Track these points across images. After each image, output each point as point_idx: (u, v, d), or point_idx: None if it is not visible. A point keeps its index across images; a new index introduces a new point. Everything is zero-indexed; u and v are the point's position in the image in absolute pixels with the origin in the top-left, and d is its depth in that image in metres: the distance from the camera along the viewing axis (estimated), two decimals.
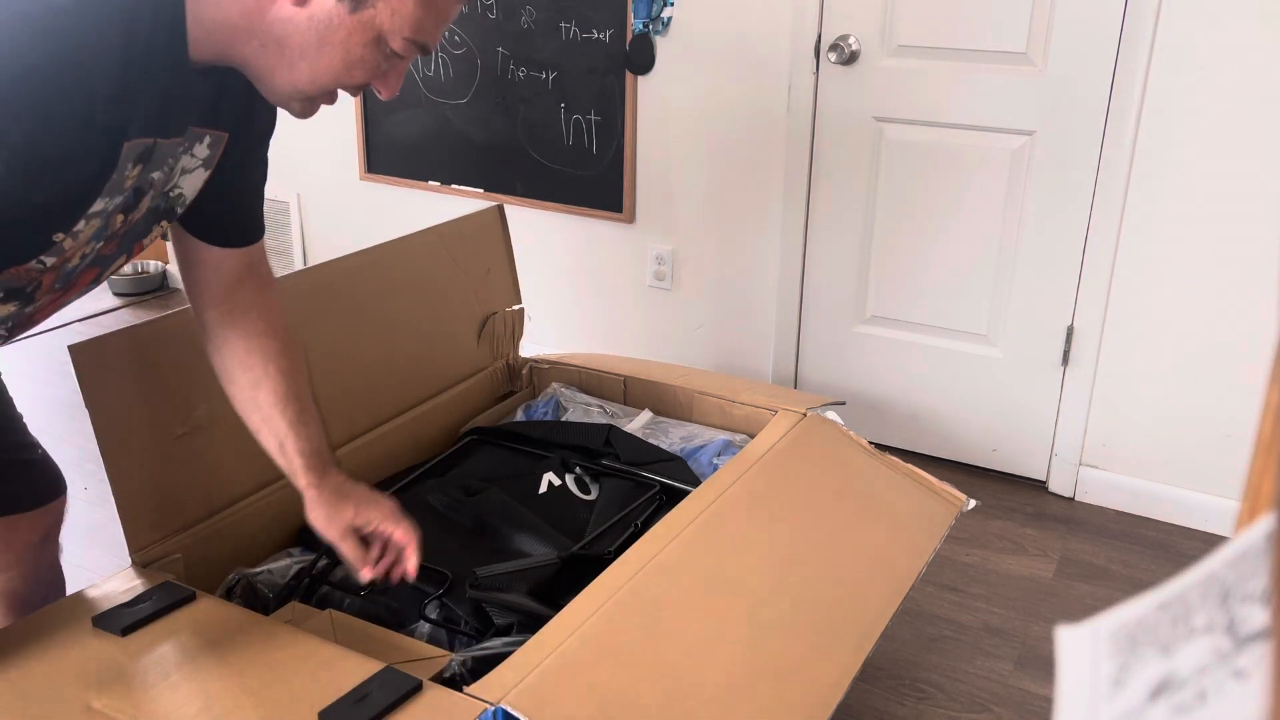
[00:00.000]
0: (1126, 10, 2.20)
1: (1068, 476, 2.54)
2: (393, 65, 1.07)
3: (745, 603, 1.29)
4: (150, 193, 1.06)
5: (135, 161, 0.99)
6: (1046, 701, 1.85)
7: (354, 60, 1.02)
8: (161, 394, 1.34)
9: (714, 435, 1.78)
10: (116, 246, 1.09)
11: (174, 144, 1.05)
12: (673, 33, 2.71)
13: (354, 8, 1.00)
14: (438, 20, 1.05)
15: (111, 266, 1.13)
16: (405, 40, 1.03)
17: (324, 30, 1.00)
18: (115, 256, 1.11)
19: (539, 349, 2.73)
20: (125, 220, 1.05)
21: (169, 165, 1.06)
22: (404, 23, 1.02)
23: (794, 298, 2.74)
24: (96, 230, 1.02)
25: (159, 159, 1.03)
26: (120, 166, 0.97)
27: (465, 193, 3.15)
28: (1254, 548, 0.30)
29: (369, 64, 1.04)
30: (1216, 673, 0.28)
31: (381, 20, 1.01)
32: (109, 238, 1.06)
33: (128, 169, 0.98)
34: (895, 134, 2.52)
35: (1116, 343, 2.40)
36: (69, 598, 1.22)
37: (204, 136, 1.09)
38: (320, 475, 1.24)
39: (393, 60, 1.05)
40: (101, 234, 1.04)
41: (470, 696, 1.05)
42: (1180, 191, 2.24)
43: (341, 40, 1.01)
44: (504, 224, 1.95)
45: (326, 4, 0.99)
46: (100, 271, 1.11)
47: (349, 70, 1.03)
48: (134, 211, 1.06)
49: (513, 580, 1.35)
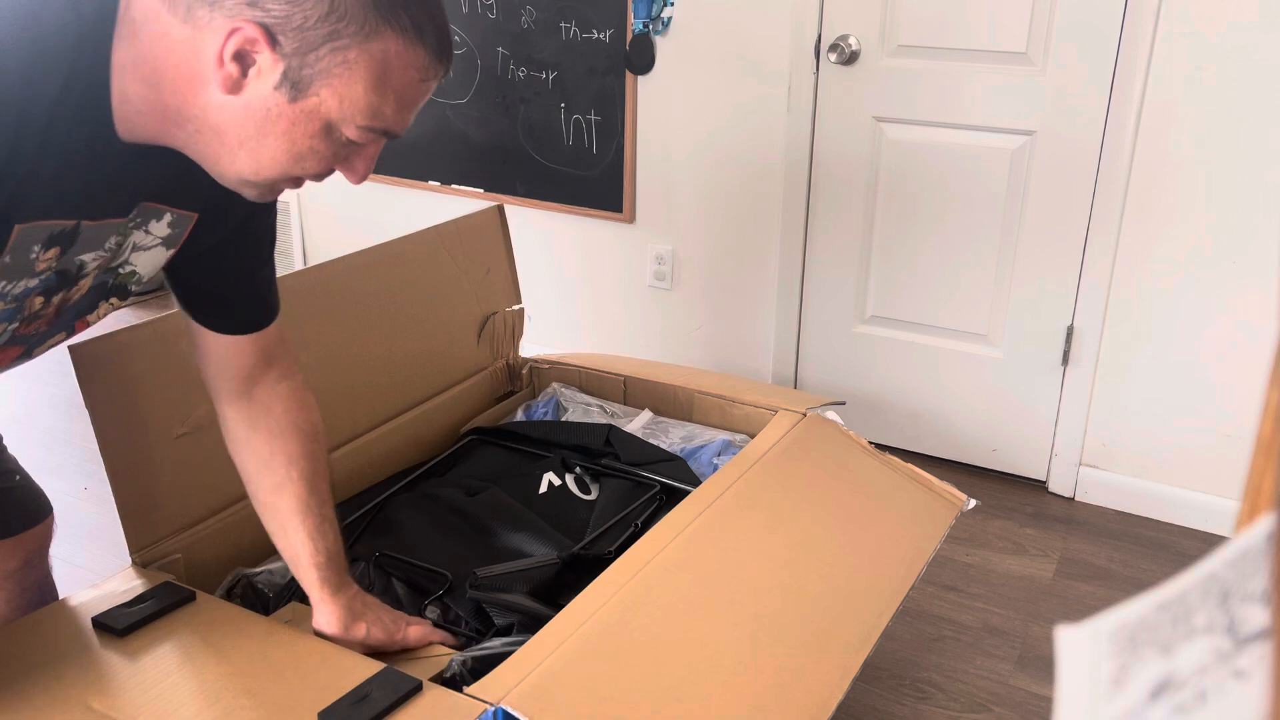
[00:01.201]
0: (1126, 10, 2.20)
1: (1068, 476, 2.54)
2: (355, 152, 0.94)
3: (745, 602, 1.29)
4: (91, 272, 0.98)
5: (47, 245, 0.89)
6: (1046, 701, 1.85)
7: (301, 152, 0.90)
8: (161, 394, 1.34)
9: (714, 435, 1.78)
10: (46, 325, 1.00)
11: (113, 224, 0.95)
12: (673, 33, 2.71)
13: (293, 96, 0.87)
14: (399, 105, 0.92)
15: (45, 344, 1.04)
16: (360, 129, 0.91)
17: (262, 121, 0.88)
18: (48, 335, 1.03)
19: (539, 349, 2.73)
20: (49, 302, 0.96)
21: (113, 243, 0.97)
22: (355, 110, 0.90)
23: (794, 298, 2.74)
24: (5, 314, 0.93)
25: (89, 240, 0.93)
26: (15, 249, 0.87)
27: (465, 193, 3.15)
28: (1254, 548, 0.30)
29: (321, 154, 0.92)
30: (1216, 673, 0.28)
31: (328, 109, 0.89)
32: (28, 319, 0.96)
33: (34, 251, 0.88)
34: (895, 134, 2.52)
35: (1116, 343, 2.40)
36: (69, 598, 1.22)
37: (164, 214, 1.00)
38: (335, 590, 1.20)
39: (352, 148, 0.94)
40: (13, 316, 0.94)
41: (470, 697, 1.05)
42: (1180, 191, 2.24)
43: (284, 131, 0.89)
44: (504, 224, 1.95)
45: (263, 91, 0.87)
46: (29, 348, 1.03)
47: (298, 162, 0.91)
48: (69, 290, 0.97)
49: (513, 580, 1.35)
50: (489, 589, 1.32)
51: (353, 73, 0.88)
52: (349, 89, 0.89)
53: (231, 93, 0.87)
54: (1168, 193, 2.26)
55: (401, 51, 0.90)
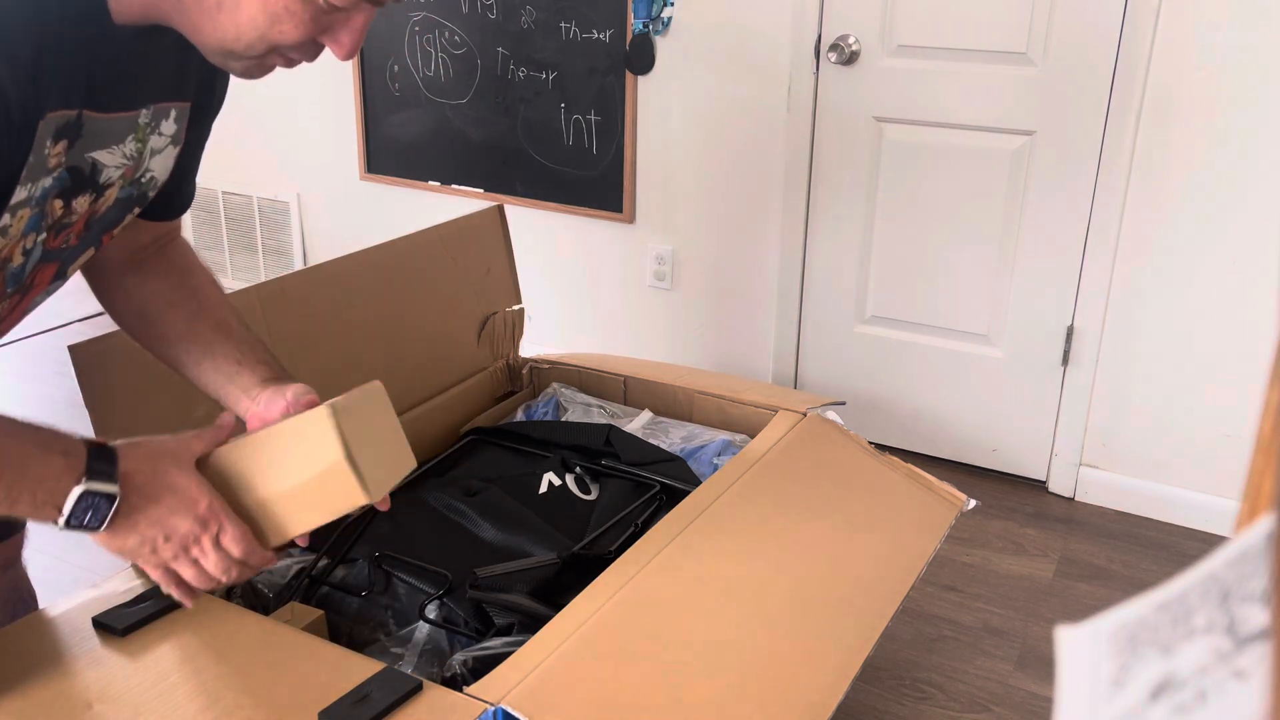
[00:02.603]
0: (1126, 10, 2.20)
1: (1068, 476, 2.54)
2: (336, 20, 0.90)
3: (745, 602, 1.29)
4: (116, 182, 0.96)
5: (56, 137, 0.88)
6: (1046, 701, 1.85)
7: (278, 11, 0.86)
8: (161, 394, 1.34)
9: (714, 435, 1.78)
10: (76, 238, 0.98)
11: (121, 120, 0.94)
12: (673, 33, 2.71)
13: None
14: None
15: (77, 260, 1.02)
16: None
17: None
18: (79, 249, 1.01)
19: (539, 349, 2.73)
20: (69, 207, 0.94)
21: (133, 149, 0.96)
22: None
23: (794, 298, 2.74)
24: (30, 220, 0.91)
25: (96, 135, 0.92)
26: (37, 147, 0.86)
27: (465, 193, 3.15)
28: (1254, 548, 0.30)
29: (297, 16, 0.87)
30: (1216, 673, 0.28)
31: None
32: (54, 228, 0.95)
33: (47, 146, 0.88)
34: (895, 134, 2.52)
35: (1116, 343, 2.40)
36: (69, 598, 1.22)
37: (169, 110, 0.98)
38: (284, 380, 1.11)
39: (334, 14, 0.89)
40: (38, 224, 0.92)
41: (470, 696, 1.05)
42: (1180, 192, 2.24)
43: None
44: (504, 224, 1.95)
45: None
46: (62, 266, 1.01)
47: (274, 24, 0.87)
48: (96, 199, 0.96)
49: (513, 580, 1.35)
50: (489, 589, 1.32)
51: None
52: None
53: None
54: (1167, 193, 2.26)
55: None
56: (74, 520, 0.92)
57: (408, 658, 1.25)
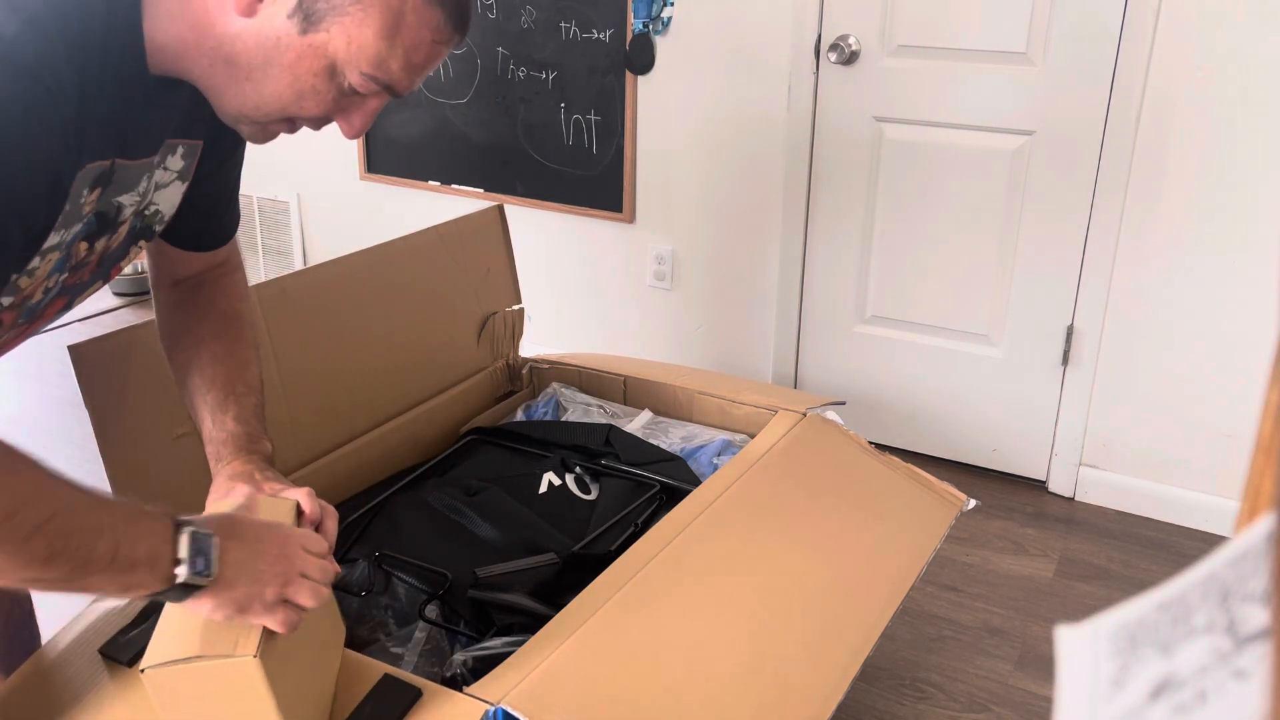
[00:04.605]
0: (1126, 10, 2.20)
1: (1068, 476, 2.54)
2: (353, 103, 0.95)
3: (745, 602, 1.29)
4: (129, 218, 1.00)
5: (92, 186, 0.91)
6: (1046, 701, 1.85)
7: (304, 89, 0.92)
8: (161, 394, 1.34)
9: (714, 435, 1.78)
10: (89, 274, 1.02)
11: (142, 164, 0.97)
12: (673, 33, 2.71)
13: (304, 28, 0.89)
14: (407, 62, 0.93)
15: (85, 293, 1.05)
16: (364, 76, 0.92)
17: (271, 50, 0.90)
18: (89, 284, 1.04)
19: (539, 349, 2.73)
20: (92, 248, 0.97)
21: (144, 185, 0.99)
22: (361, 55, 0.91)
23: (794, 298, 2.74)
24: (57, 263, 0.94)
25: (123, 181, 0.95)
26: (74, 196, 0.89)
27: (465, 193, 3.15)
28: (1254, 548, 0.30)
29: (321, 96, 0.92)
30: (1216, 673, 0.28)
31: (335, 48, 0.90)
32: (74, 267, 0.98)
33: (83, 195, 0.91)
34: (895, 134, 2.52)
35: (1116, 343, 2.40)
36: (71, 627, 1.20)
37: (177, 148, 1.02)
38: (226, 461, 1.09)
39: (353, 97, 0.94)
40: (63, 265, 0.95)
41: (471, 697, 1.05)
42: (1180, 192, 2.24)
43: (290, 64, 0.90)
44: (504, 224, 1.95)
45: (276, 20, 0.89)
46: (70, 300, 1.04)
47: (298, 100, 0.92)
48: (111, 237, 0.99)
49: (513, 580, 1.35)
50: (489, 589, 1.32)
51: (366, 15, 0.90)
52: (359, 31, 0.90)
53: (246, 15, 0.89)
54: (1167, 192, 2.26)
55: (418, 7, 0.92)
56: (196, 566, 0.88)
57: (408, 658, 1.25)
